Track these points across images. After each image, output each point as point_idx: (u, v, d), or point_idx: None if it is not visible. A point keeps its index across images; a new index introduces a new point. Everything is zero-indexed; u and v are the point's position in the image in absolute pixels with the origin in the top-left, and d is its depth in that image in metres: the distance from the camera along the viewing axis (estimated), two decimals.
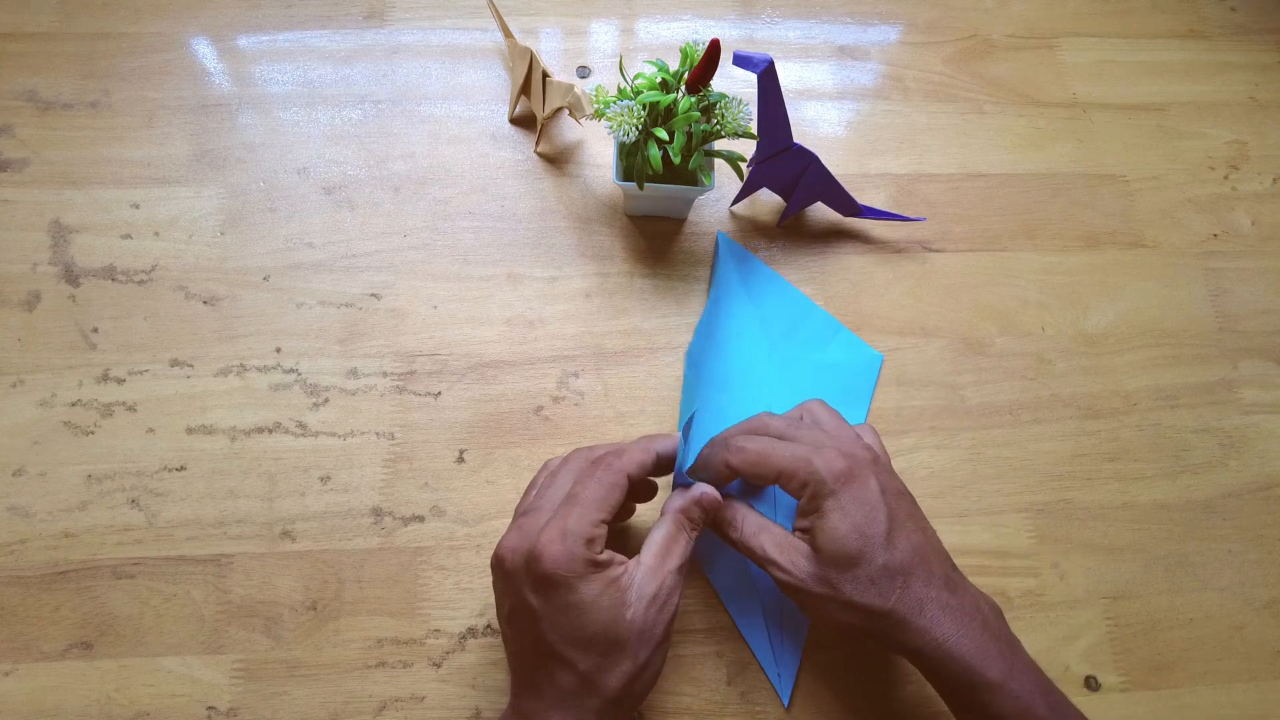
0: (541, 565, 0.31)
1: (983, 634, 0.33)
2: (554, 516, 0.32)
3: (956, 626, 0.33)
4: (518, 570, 0.32)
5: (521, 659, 0.33)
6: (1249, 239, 0.51)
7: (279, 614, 0.39)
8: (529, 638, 0.32)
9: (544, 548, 0.31)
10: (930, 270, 0.49)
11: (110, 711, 0.38)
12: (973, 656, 0.32)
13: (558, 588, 0.31)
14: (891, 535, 0.33)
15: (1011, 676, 0.32)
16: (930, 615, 0.33)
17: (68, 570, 0.40)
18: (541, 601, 0.31)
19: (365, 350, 0.44)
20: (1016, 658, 0.33)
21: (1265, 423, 0.47)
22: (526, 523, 0.33)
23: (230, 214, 0.46)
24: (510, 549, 0.33)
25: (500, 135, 0.50)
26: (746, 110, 0.40)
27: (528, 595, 0.31)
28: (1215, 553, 0.44)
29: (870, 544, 0.33)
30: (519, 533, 0.33)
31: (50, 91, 0.48)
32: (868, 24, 0.55)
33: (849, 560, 0.33)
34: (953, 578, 0.34)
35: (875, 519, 0.33)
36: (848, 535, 0.33)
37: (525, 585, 0.32)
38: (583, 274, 0.47)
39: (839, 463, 0.34)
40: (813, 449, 0.35)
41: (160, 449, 0.42)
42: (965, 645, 0.32)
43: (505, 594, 0.33)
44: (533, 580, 0.31)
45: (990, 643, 0.33)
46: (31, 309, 0.44)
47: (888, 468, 0.37)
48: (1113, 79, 0.55)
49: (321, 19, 0.52)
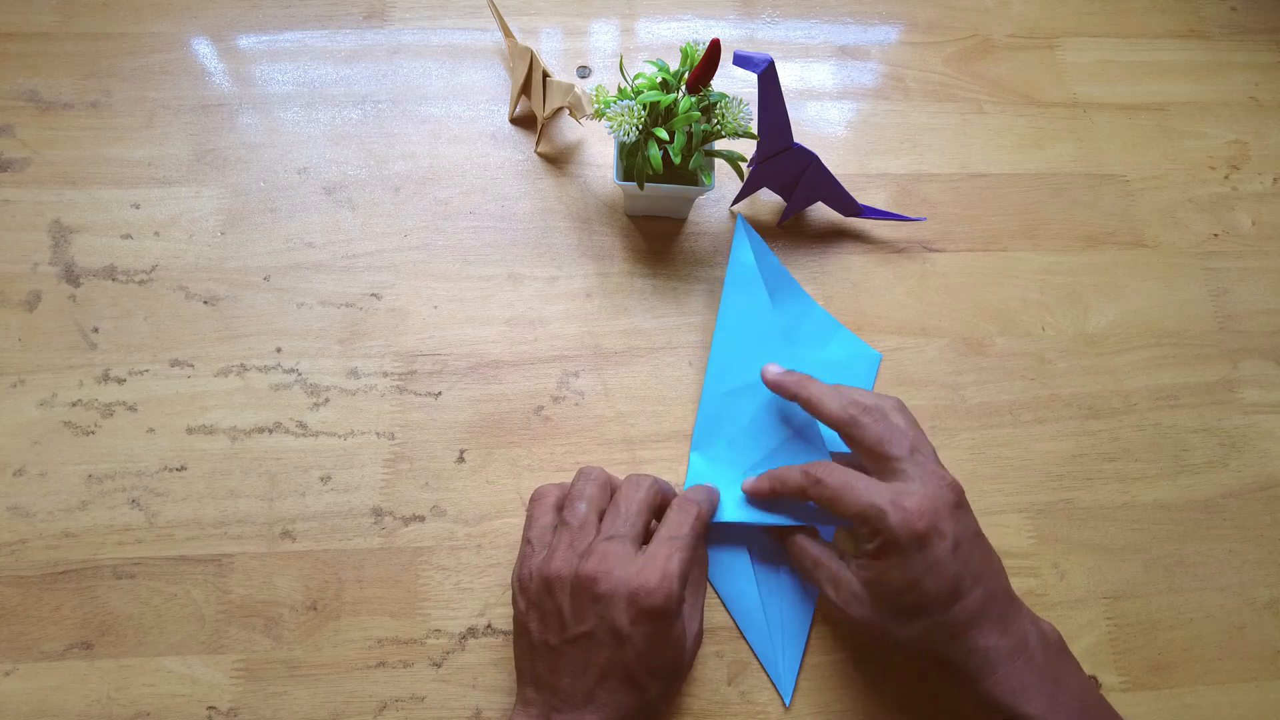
0: (651, 600, 0.33)
1: (1027, 669, 0.33)
2: (657, 553, 0.34)
3: (1001, 665, 0.33)
4: (615, 597, 0.33)
5: (581, 676, 0.33)
6: (1249, 239, 0.51)
7: (279, 614, 0.39)
8: (604, 659, 0.33)
9: (655, 584, 0.33)
10: (930, 270, 0.49)
11: (110, 711, 0.38)
12: (1012, 694, 0.32)
13: (658, 622, 0.33)
14: (955, 595, 0.33)
15: (1052, 710, 0.32)
16: (978, 659, 0.33)
17: (68, 570, 0.40)
18: (639, 632, 0.33)
19: (366, 350, 0.44)
20: (1060, 691, 0.33)
21: (1265, 423, 0.47)
22: (611, 550, 0.34)
23: (230, 214, 0.46)
24: (603, 574, 0.33)
25: (500, 135, 0.50)
26: (747, 110, 0.40)
27: (622, 623, 0.33)
28: (1215, 553, 0.44)
29: (931, 603, 0.33)
30: (604, 559, 0.34)
31: (51, 91, 0.48)
32: (868, 24, 0.55)
33: (906, 614, 0.34)
34: (1008, 615, 0.34)
35: (941, 580, 0.33)
36: (909, 593, 0.33)
37: (622, 613, 0.33)
38: (583, 274, 0.47)
39: (918, 523, 0.33)
40: (892, 498, 0.34)
41: (161, 449, 0.42)
42: (1006, 684, 0.33)
43: (582, 614, 0.33)
44: (636, 611, 0.33)
45: (1033, 678, 0.33)
46: (32, 309, 0.44)
47: (963, 508, 0.35)
48: (1113, 79, 0.55)
49: (321, 19, 0.52)
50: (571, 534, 0.35)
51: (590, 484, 0.37)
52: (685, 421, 0.44)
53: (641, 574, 0.33)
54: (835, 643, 0.41)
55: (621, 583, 0.33)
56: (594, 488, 0.37)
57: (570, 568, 0.34)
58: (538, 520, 0.37)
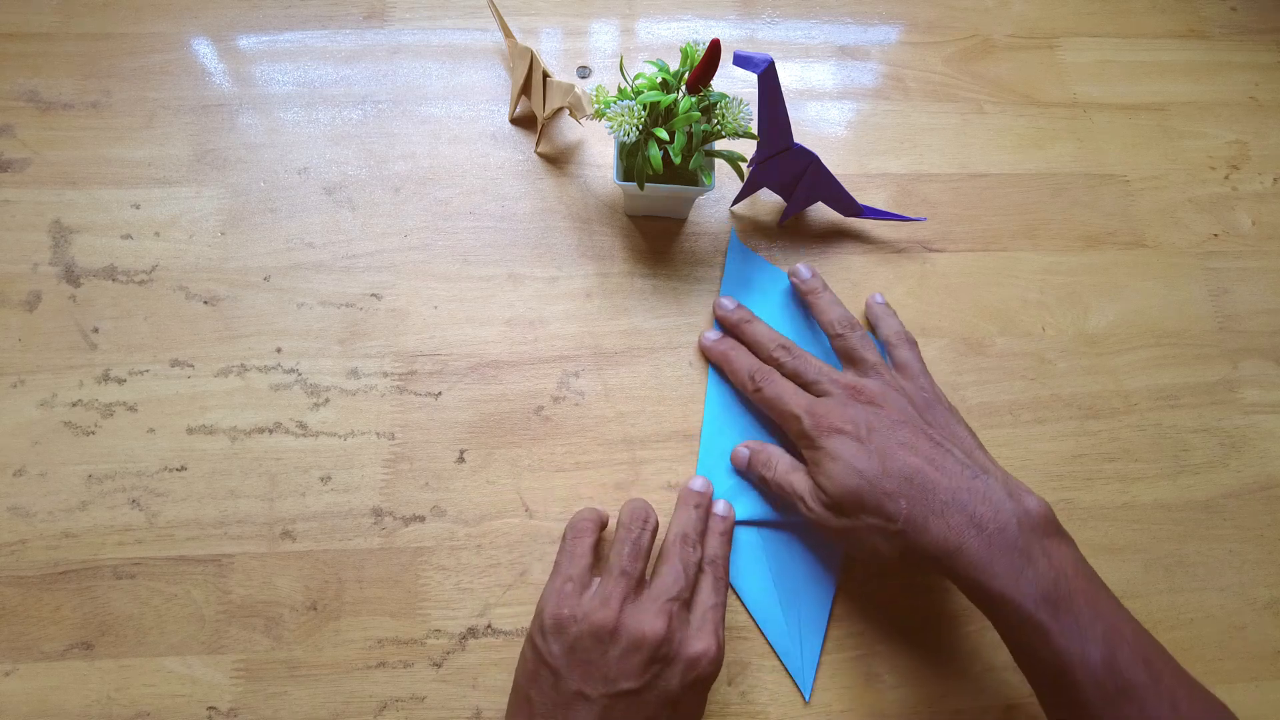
0: (709, 669, 0.34)
1: (991, 545, 0.33)
2: (709, 619, 0.35)
3: (966, 542, 0.33)
4: (676, 661, 0.33)
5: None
6: (1249, 239, 0.51)
7: (279, 614, 0.39)
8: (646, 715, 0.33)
9: (715, 653, 0.34)
10: (930, 270, 0.49)
11: (110, 711, 0.38)
12: (977, 570, 0.33)
13: (704, 690, 0.34)
14: (884, 466, 0.36)
15: (1017, 586, 0.32)
16: (935, 530, 0.34)
17: (68, 570, 0.40)
18: (688, 697, 0.34)
19: (366, 350, 0.44)
20: (1029, 566, 0.32)
21: (1265, 423, 0.47)
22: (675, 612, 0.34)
23: (231, 214, 0.46)
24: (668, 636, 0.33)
25: (500, 135, 0.50)
26: (747, 110, 0.40)
27: (674, 687, 0.33)
28: (1215, 553, 0.44)
29: (860, 479, 0.36)
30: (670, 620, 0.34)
31: (51, 92, 0.48)
32: (868, 24, 0.55)
33: (849, 496, 0.36)
34: (970, 487, 0.35)
35: (861, 456, 0.36)
36: (840, 476, 0.36)
37: (678, 677, 0.33)
38: (583, 274, 0.47)
39: (823, 421, 0.38)
40: (809, 405, 0.39)
41: (161, 449, 0.42)
42: (970, 559, 0.33)
43: (634, 671, 0.33)
44: (694, 678, 0.33)
45: (998, 553, 0.33)
46: (32, 309, 0.44)
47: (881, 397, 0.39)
48: (1113, 79, 0.55)
49: (321, 19, 0.52)
50: (630, 582, 0.35)
51: (647, 533, 0.37)
52: (685, 421, 0.44)
53: (700, 641, 0.34)
54: (849, 640, 0.41)
55: (682, 647, 0.34)
56: (648, 536, 0.37)
57: (632, 623, 0.33)
58: (577, 558, 0.36)
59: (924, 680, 0.40)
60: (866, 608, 0.41)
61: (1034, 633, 0.32)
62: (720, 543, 0.39)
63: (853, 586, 0.42)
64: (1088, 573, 0.34)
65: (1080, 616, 0.32)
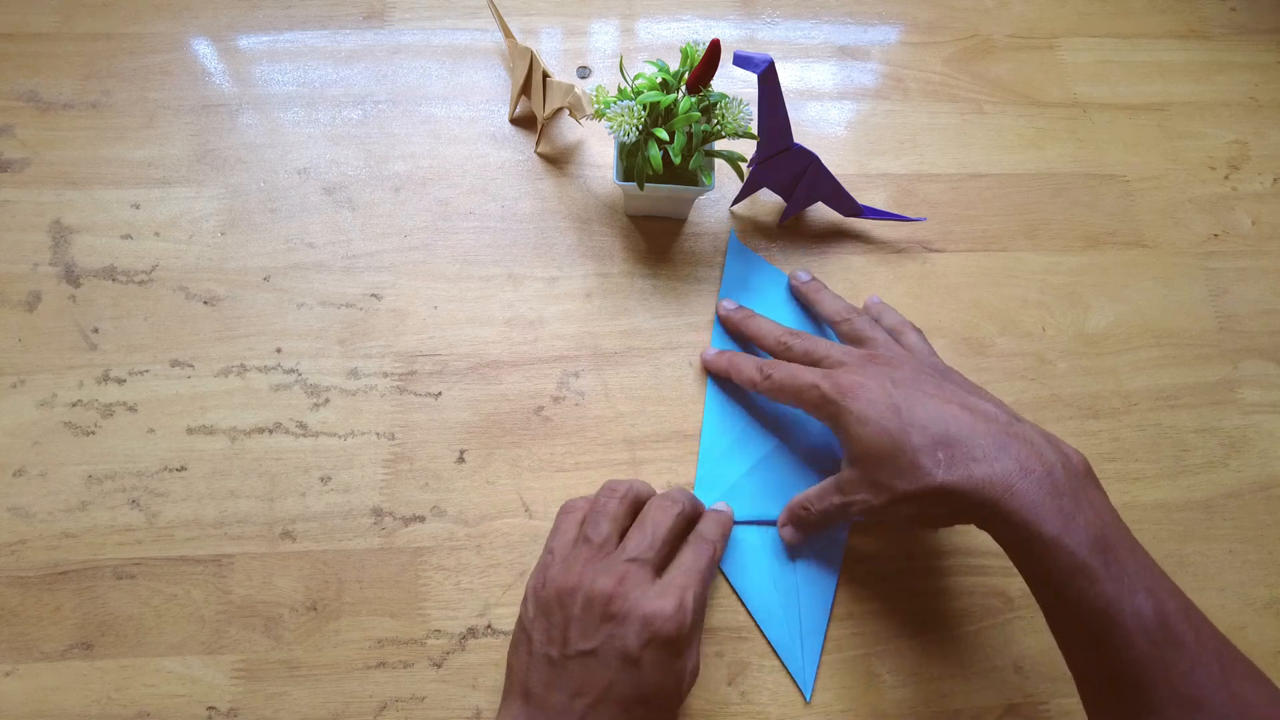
0: (665, 627, 0.32)
1: (1040, 487, 0.32)
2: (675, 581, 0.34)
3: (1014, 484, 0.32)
4: (629, 619, 0.32)
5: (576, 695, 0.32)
6: (1249, 239, 0.51)
7: (279, 614, 0.39)
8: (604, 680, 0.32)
9: (671, 611, 0.33)
10: (930, 270, 0.49)
11: (110, 712, 0.38)
12: (1028, 510, 0.32)
13: (666, 650, 0.32)
14: (909, 418, 0.34)
15: (1068, 531, 0.31)
16: (980, 476, 0.33)
17: (68, 570, 0.40)
18: (647, 657, 0.32)
19: (366, 350, 0.44)
20: (1079, 511, 0.32)
21: (1265, 423, 0.47)
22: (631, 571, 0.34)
23: (231, 214, 0.46)
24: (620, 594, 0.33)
25: (500, 135, 0.50)
26: (746, 110, 0.40)
27: (631, 646, 0.32)
28: (1215, 553, 0.44)
29: (892, 434, 0.34)
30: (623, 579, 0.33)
31: (51, 92, 0.48)
32: (868, 24, 0.55)
33: (883, 457, 0.35)
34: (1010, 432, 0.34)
35: (889, 413, 0.35)
36: (870, 437, 0.35)
37: (634, 636, 0.32)
38: (583, 274, 0.47)
39: (843, 379, 0.37)
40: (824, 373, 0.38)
41: (161, 449, 0.42)
42: (1019, 500, 0.32)
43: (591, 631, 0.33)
44: (649, 636, 0.32)
45: (1047, 496, 0.32)
46: (32, 309, 0.44)
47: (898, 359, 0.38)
48: (1113, 79, 0.55)
49: (321, 19, 0.52)
50: (592, 549, 0.35)
51: (615, 500, 0.37)
52: (685, 421, 0.44)
53: (659, 600, 0.33)
54: (850, 640, 0.41)
55: (637, 605, 0.33)
56: (618, 504, 0.36)
57: (586, 582, 0.34)
58: (563, 532, 0.37)
59: (924, 680, 0.40)
60: (866, 608, 0.41)
61: (1085, 579, 0.31)
62: (713, 524, 0.38)
63: (853, 586, 0.42)
64: (1124, 525, 0.33)
65: (1126, 564, 0.31)
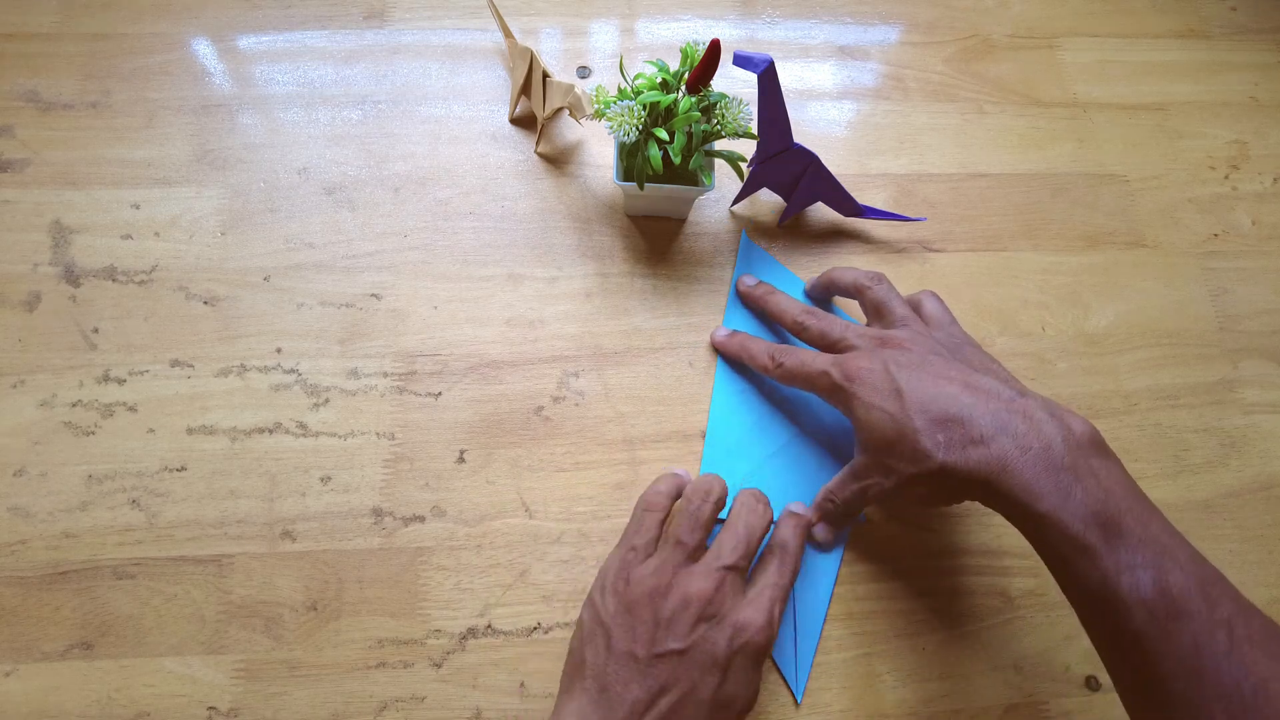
0: (756, 637, 0.33)
1: (1036, 465, 0.32)
2: (764, 594, 0.35)
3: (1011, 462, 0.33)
4: (723, 623, 0.33)
5: (656, 695, 0.32)
6: (1249, 239, 0.51)
7: (279, 614, 0.39)
8: (687, 683, 0.32)
9: (763, 622, 0.34)
10: (931, 270, 0.49)
11: (111, 712, 0.38)
12: (1022, 490, 0.32)
13: (751, 659, 0.33)
14: (911, 400, 0.35)
15: (1064, 507, 0.31)
16: (976, 456, 0.33)
17: (68, 570, 0.40)
18: (735, 663, 0.33)
19: (366, 350, 0.44)
20: (1077, 485, 0.32)
21: (1265, 423, 0.47)
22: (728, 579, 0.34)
23: (231, 214, 0.46)
24: (717, 598, 0.33)
25: (500, 135, 0.50)
26: (746, 110, 0.40)
27: (721, 650, 0.33)
28: (1215, 553, 0.44)
29: (895, 418, 0.35)
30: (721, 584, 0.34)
31: (51, 92, 0.48)
32: (868, 24, 0.55)
33: (889, 440, 0.36)
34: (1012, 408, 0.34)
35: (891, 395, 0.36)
36: (876, 422, 0.36)
37: (724, 641, 0.33)
38: (583, 274, 0.47)
39: (850, 364, 0.37)
40: (834, 359, 0.39)
41: (161, 449, 0.42)
42: (1016, 480, 0.32)
43: (683, 631, 0.33)
44: (740, 643, 0.33)
45: (1043, 474, 0.32)
46: (32, 309, 0.44)
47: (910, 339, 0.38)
48: (1113, 79, 0.55)
49: (321, 19, 0.52)
50: (684, 551, 0.35)
51: (709, 505, 0.37)
52: (685, 421, 0.44)
53: (750, 609, 0.34)
54: (850, 640, 0.41)
55: (732, 612, 0.33)
56: (711, 510, 0.37)
57: (681, 584, 0.34)
58: (646, 530, 0.37)
59: (924, 680, 0.40)
60: (866, 608, 0.41)
61: (1081, 554, 0.31)
62: (792, 528, 0.38)
63: (853, 586, 0.42)
64: (1137, 493, 0.33)
65: (1129, 537, 0.31)
